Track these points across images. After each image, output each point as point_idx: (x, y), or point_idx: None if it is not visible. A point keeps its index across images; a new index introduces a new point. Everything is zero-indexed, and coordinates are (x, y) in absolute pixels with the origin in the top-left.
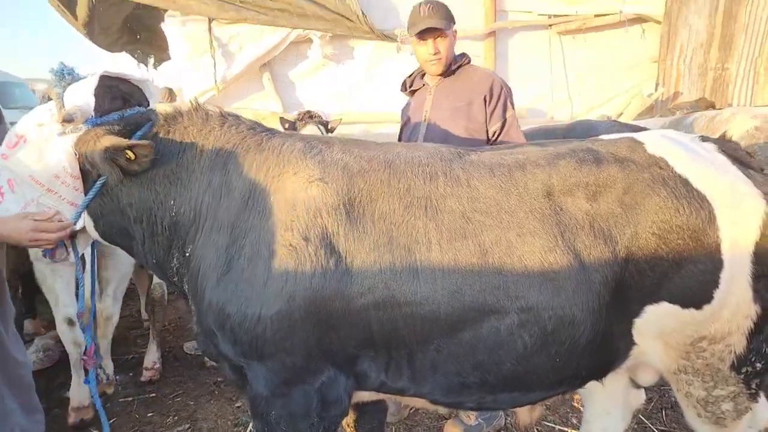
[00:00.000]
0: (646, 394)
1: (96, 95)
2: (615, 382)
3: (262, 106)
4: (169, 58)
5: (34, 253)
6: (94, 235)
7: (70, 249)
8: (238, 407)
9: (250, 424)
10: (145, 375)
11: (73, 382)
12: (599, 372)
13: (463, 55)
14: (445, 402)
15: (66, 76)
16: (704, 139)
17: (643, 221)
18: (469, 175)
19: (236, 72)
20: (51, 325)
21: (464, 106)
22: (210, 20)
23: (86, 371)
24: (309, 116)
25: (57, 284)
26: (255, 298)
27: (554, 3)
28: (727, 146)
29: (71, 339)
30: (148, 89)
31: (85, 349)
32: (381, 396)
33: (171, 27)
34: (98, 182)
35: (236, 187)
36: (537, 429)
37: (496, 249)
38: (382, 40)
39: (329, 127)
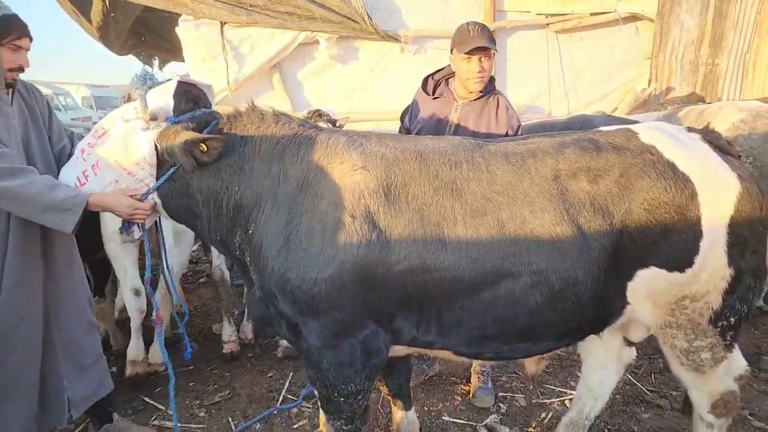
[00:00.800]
0: (638, 362)
1: (174, 98)
2: (610, 339)
3: (272, 105)
4: (174, 60)
5: (108, 237)
6: (163, 212)
7: (143, 227)
8: (270, 377)
9: (283, 390)
10: (226, 348)
11: (132, 340)
12: (598, 326)
13: (492, 79)
14: (467, 353)
15: (147, 80)
16: (690, 129)
17: (636, 199)
18: (488, 162)
19: (247, 73)
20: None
21: (483, 135)
22: (222, 24)
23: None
24: (318, 115)
25: (127, 261)
26: (312, 265)
27: (551, 2)
28: (710, 136)
29: (136, 306)
30: (211, 93)
31: (154, 313)
32: (412, 350)
33: (185, 30)
34: (171, 170)
35: (292, 174)
36: (540, 391)
37: (512, 223)
38: (386, 40)
39: (337, 124)
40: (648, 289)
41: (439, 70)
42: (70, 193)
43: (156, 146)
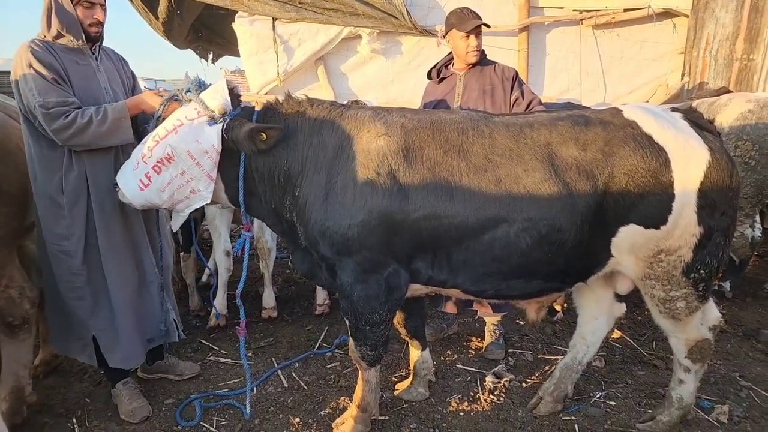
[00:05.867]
0: (642, 330)
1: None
2: (602, 293)
3: (316, 95)
4: (226, 54)
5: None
6: (223, 197)
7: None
8: (309, 329)
9: (319, 340)
10: (264, 313)
11: (218, 294)
12: (584, 273)
13: (483, 51)
14: (473, 290)
15: (200, 86)
16: (674, 109)
17: (617, 164)
18: (491, 129)
19: (295, 65)
20: None
21: (489, 89)
22: (274, 20)
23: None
24: (356, 104)
25: (222, 225)
26: (346, 213)
27: None
28: (690, 115)
29: (225, 265)
30: (239, 89)
31: (239, 321)
32: (428, 289)
33: (240, 26)
34: (242, 156)
35: (329, 143)
36: (547, 350)
37: (508, 179)
38: (424, 35)
39: None
40: (629, 244)
41: (437, 63)
42: (112, 109)
43: (223, 135)
